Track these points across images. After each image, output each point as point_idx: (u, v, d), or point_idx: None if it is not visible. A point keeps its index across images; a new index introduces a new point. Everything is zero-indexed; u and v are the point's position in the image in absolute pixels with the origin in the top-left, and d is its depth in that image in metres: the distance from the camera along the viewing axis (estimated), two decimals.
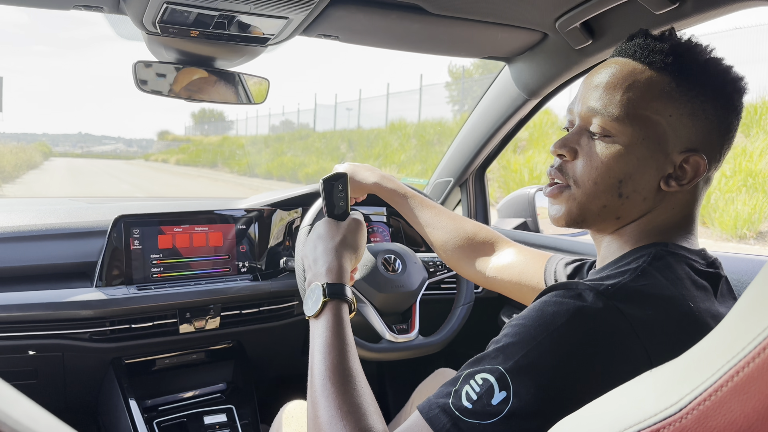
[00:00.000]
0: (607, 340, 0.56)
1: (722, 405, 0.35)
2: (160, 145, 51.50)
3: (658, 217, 0.69)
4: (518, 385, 0.55)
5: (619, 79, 0.68)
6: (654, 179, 0.67)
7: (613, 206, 0.69)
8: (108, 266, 1.28)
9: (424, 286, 1.39)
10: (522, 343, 0.57)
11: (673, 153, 0.66)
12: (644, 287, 0.60)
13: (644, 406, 0.41)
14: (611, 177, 0.68)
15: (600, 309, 0.56)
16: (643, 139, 0.66)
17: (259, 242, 1.48)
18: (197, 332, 1.36)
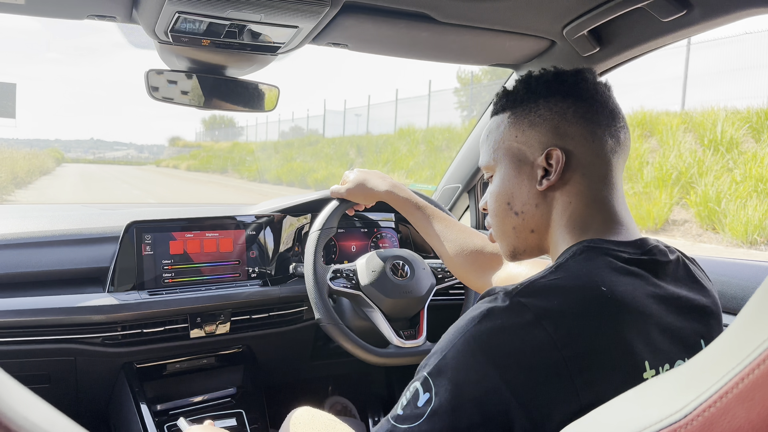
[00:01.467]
0: (512, 333, 0.59)
1: (727, 412, 0.35)
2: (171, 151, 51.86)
3: (560, 216, 0.75)
4: (438, 386, 0.59)
5: (483, 136, 0.84)
6: (531, 186, 0.76)
7: (518, 223, 0.79)
8: (120, 272, 1.30)
9: (432, 292, 1.39)
10: (442, 348, 0.62)
11: (535, 159, 0.75)
12: (554, 281, 0.64)
13: (650, 413, 0.42)
14: (501, 203, 0.79)
15: (506, 306, 0.61)
16: (507, 165, 0.78)
17: (269, 248, 1.49)
18: (207, 337, 1.37)
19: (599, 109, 0.74)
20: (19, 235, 1.26)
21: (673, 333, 0.66)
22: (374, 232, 1.66)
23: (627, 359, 0.60)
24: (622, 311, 0.62)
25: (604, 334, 0.60)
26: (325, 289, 1.29)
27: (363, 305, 1.35)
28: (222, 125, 50.35)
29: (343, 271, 1.34)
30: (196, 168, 33.88)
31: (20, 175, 14.99)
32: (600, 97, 0.75)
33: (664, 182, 8.05)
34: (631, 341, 0.61)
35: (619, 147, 0.76)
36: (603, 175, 0.74)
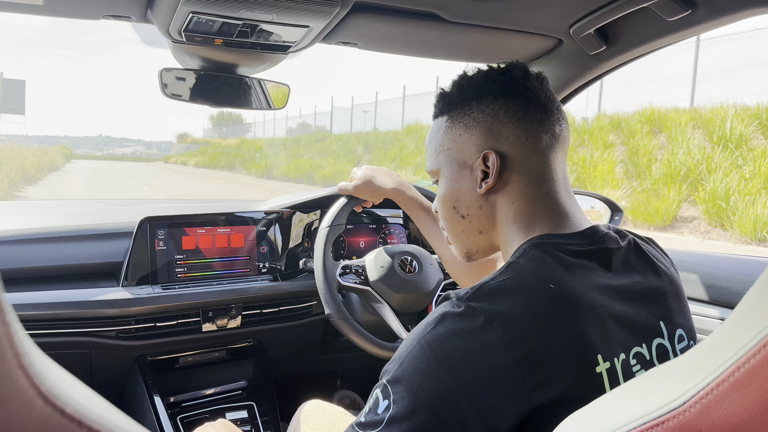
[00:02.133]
0: (463, 337, 0.60)
1: (724, 398, 0.37)
2: (179, 148, 52.03)
3: (506, 216, 0.77)
4: (396, 393, 0.60)
5: (427, 140, 0.86)
6: (473, 190, 0.78)
7: (466, 226, 0.81)
8: (134, 266, 1.32)
9: (440, 288, 1.41)
10: (400, 355, 0.63)
11: (474, 162, 0.77)
12: (503, 282, 0.64)
13: (650, 400, 0.43)
14: (447, 207, 0.82)
15: (459, 311, 0.62)
16: (449, 169, 0.80)
17: (279, 244, 1.51)
18: (219, 331, 1.40)
19: (530, 106, 0.75)
20: (36, 230, 1.29)
21: (627, 321, 0.67)
22: (382, 229, 1.68)
23: (579, 356, 0.61)
24: (572, 307, 0.63)
25: (555, 333, 0.61)
26: (334, 284, 1.31)
27: (372, 300, 1.37)
28: (230, 122, 50.47)
29: (352, 267, 1.36)
30: (204, 164, 34.00)
31: (30, 172, 15.09)
32: (530, 93, 0.76)
33: (672, 179, 8.03)
34: (582, 336, 0.61)
35: (555, 141, 0.76)
36: (541, 171, 0.75)
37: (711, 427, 0.36)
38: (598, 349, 0.62)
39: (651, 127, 9.49)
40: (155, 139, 73.98)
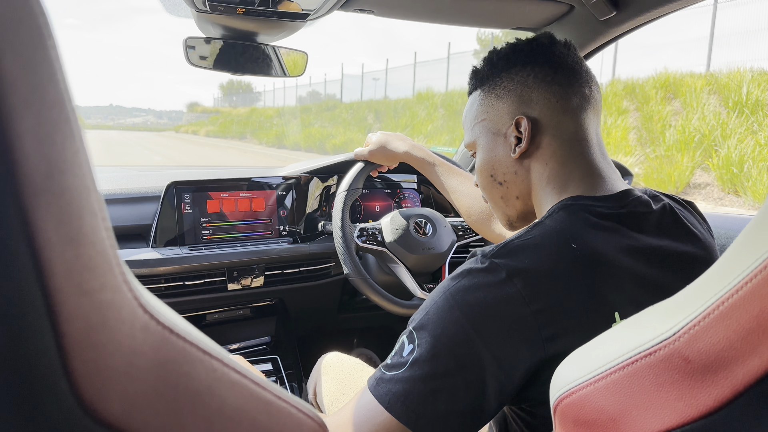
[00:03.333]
0: (485, 290, 0.64)
1: (709, 329, 0.41)
2: (189, 117, 51.92)
3: (540, 179, 0.80)
4: (420, 338, 0.65)
5: (463, 116, 0.91)
6: (508, 156, 0.82)
7: (504, 192, 0.85)
8: (162, 229, 1.39)
9: (453, 249, 1.47)
10: (427, 305, 0.68)
11: (506, 129, 0.81)
12: (527, 241, 0.68)
13: (644, 333, 0.49)
14: (485, 177, 0.86)
15: (483, 266, 0.66)
16: (484, 139, 0.85)
17: (298, 208, 1.57)
18: (243, 290, 1.47)
19: (558, 70, 0.78)
20: None
21: (649, 283, 0.68)
22: (397, 193, 1.73)
23: (594, 312, 0.64)
24: (592, 266, 0.66)
25: (572, 290, 0.64)
26: (352, 245, 1.37)
27: (388, 261, 1.43)
28: (240, 91, 50.20)
29: (368, 229, 1.42)
30: (215, 134, 33.99)
31: None
32: (557, 58, 0.79)
33: (686, 145, 7.96)
34: (600, 294, 0.64)
35: (585, 102, 0.78)
36: (573, 133, 0.77)
37: (697, 354, 0.40)
38: (617, 307, 0.64)
39: (666, 92, 9.37)
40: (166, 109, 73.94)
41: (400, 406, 0.63)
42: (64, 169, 0.25)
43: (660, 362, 0.42)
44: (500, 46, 0.84)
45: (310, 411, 0.40)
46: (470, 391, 0.63)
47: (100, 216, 0.27)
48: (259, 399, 0.36)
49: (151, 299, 0.33)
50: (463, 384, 0.62)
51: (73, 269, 0.25)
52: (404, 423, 0.63)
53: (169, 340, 0.31)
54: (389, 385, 0.65)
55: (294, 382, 1.39)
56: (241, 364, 0.35)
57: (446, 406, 0.62)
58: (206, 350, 0.33)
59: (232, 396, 0.34)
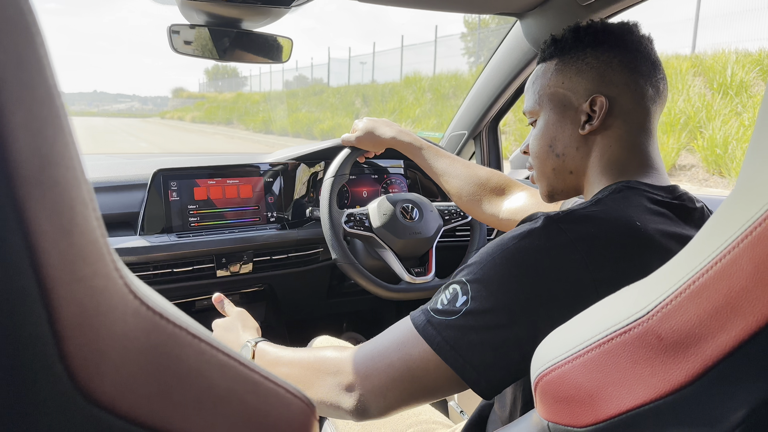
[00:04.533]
0: (547, 253, 0.66)
1: (680, 308, 0.42)
2: (175, 103, 51.36)
3: (601, 158, 0.81)
4: (474, 291, 0.67)
5: (529, 82, 0.89)
6: (574, 131, 0.82)
7: (558, 165, 0.85)
8: (149, 216, 1.40)
9: (440, 233, 1.49)
10: (482, 259, 0.69)
11: (580, 105, 0.80)
12: (593, 212, 0.70)
13: (620, 312, 0.50)
14: (543, 146, 0.86)
15: (544, 227, 0.68)
16: (551, 109, 0.84)
17: (285, 194, 1.58)
18: (232, 276, 1.48)
19: (642, 61, 0.79)
20: None
21: None
22: (384, 178, 1.74)
23: None
24: (649, 246, 0.68)
25: (630, 266, 0.65)
26: (340, 231, 1.38)
27: (375, 246, 1.45)
28: (225, 75, 49.67)
29: (356, 215, 1.43)
30: (201, 119, 33.67)
31: None
32: (644, 49, 0.80)
33: (672, 127, 8.02)
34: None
35: (658, 97, 0.80)
36: (642, 123, 0.80)
37: (669, 332, 0.42)
38: None
39: None
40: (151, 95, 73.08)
41: (450, 350, 0.66)
42: (56, 162, 0.26)
43: (634, 340, 0.44)
44: (586, 22, 0.84)
45: (297, 392, 0.41)
46: (519, 346, 0.65)
47: (91, 206, 0.29)
48: (248, 380, 0.37)
49: (141, 286, 0.34)
50: (514, 339, 0.65)
51: (66, 258, 0.26)
52: (452, 366, 0.66)
53: (159, 324, 0.32)
54: (440, 329, 0.67)
55: None
56: (229, 348, 0.37)
57: (494, 358, 0.65)
58: (195, 334, 0.35)
59: (221, 377, 0.35)
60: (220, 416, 0.35)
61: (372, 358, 0.73)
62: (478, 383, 0.66)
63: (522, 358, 0.66)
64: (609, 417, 0.46)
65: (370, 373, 0.73)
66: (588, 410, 0.48)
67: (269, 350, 0.91)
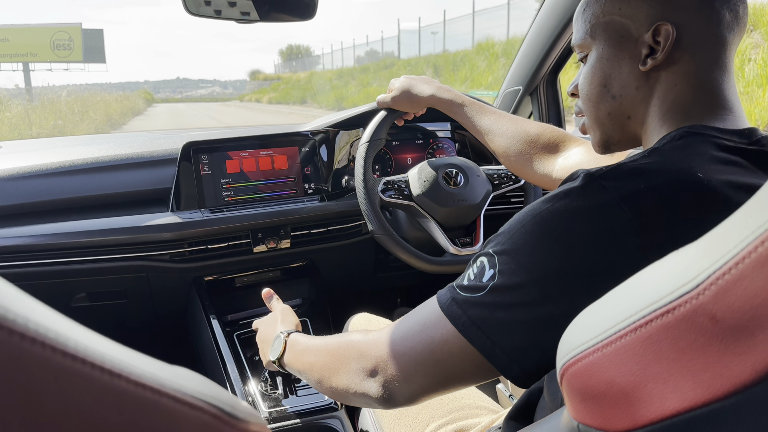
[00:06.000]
0: (586, 216, 0.55)
1: (743, 278, 0.31)
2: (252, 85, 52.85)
3: (662, 100, 0.67)
4: (502, 264, 0.59)
5: (578, 10, 0.75)
6: (633, 67, 0.68)
7: (615, 108, 0.72)
8: (181, 192, 1.35)
9: (488, 200, 1.35)
10: (511, 227, 0.61)
11: (640, 35, 0.67)
12: (645, 164, 0.58)
13: (662, 286, 0.39)
14: (596, 86, 0.72)
15: (584, 186, 0.57)
16: (605, 42, 0.70)
17: (324, 164, 1.49)
18: (270, 252, 1.42)
19: None
20: (85, 160, 1.33)
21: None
22: (430, 143, 1.62)
23: None
24: (715, 202, 0.56)
25: (689, 226, 0.55)
26: (376, 200, 1.28)
27: (417, 216, 1.34)
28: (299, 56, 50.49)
29: (394, 182, 1.32)
30: (278, 100, 34.43)
31: (114, 117, 15.82)
32: None
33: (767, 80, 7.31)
34: None
35: (736, 24, 0.66)
36: (716, 56, 0.65)
37: (728, 310, 0.32)
38: None
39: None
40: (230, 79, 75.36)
41: (476, 331, 0.59)
42: None
43: (680, 322, 0.34)
44: None
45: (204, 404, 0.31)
46: (556, 326, 0.55)
47: None
48: (109, 393, 0.28)
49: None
50: (549, 317, 0.56)
51: None
52: (479, 349, 0.59)
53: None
54: (465, 307, 0.60)
55: None
56: (95, 350, 0.27)
57: (527, 340, 0.57)
58: (36, 336, 0.26)
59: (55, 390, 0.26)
60: None
61: (395, 340, 0.67)
62: (509, 369, 0.58)
63: (558, 339, 0.55)
64: (649, 422, 0.36)
65: (393, 357, 0.66)
66: (623, 412, 0.39)
67: (300, 340, 0.89)
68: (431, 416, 0.99)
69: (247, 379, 1.22)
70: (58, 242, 1.23)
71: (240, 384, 1.20)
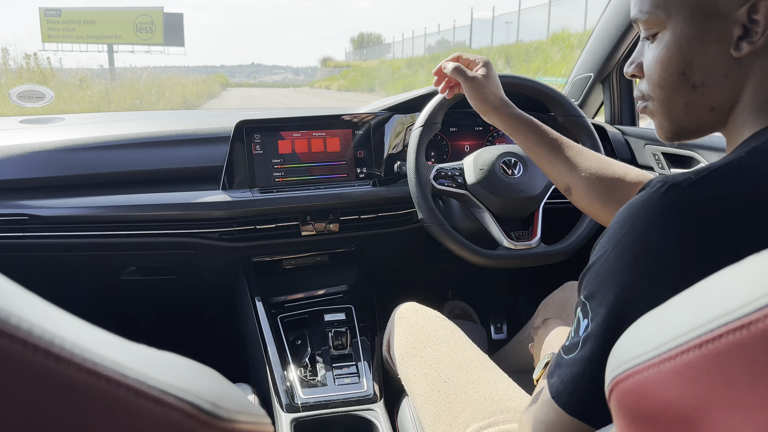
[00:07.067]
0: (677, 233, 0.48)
1: None
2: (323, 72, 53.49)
3: (759, 90, 0.56)
4: (593, 309, 0.53)
5: None
6: (722, 51, 0.57)
7: (694, 99, 0.61)
8: (232, 170, 1.34)
9: (548, 192, 1.27)
10: (595, 263, 0.55)
11: (732, 11, 0.55)
12: (742, 166, 0.49)
13: (738, 294, 0.32)
14: (672, 73, 0.61)
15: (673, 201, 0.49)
16: (685, 19, 0.58)
17: (377, 148, 1.44)
18: (318, 235, 1.39)
19: None
20: (141, 135, 1.34)
21: None
22: (490, 131, 1.54)
23: None
24: None
25: None
26: (427, 187, 1.23)
27: (470, 206, 1.27)
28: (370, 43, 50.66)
29: (447, 169, 1.26)
30: (347, 88, 34.68)
31: (189, 99, 16.35)
32: None
33: None
34: None
35: None
36: None
37: None
38: None
39: None
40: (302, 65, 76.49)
41: (568, 396, 0.55)
42: None
43: (757, 340, 0.28)
44: None
45: (177, 401, 0.28)
46: None
47: None
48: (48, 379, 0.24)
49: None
50: None
51: None
52: (572, 414, 0.55)
53: None
54: (562, 371, 0.56)
55: (366, 335, 1.29)
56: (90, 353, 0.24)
57: None
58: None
59: None
60: None
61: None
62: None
63: None
64: None
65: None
66: None
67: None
68: (473, 416, 0.94)
69: (287, 364, 1.20)
70: (110, 215, 1.25)
71: (279, 368, 1.18)
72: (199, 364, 0.35)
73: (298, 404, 1.10)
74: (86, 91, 9.65)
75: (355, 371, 1.19)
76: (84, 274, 1.37)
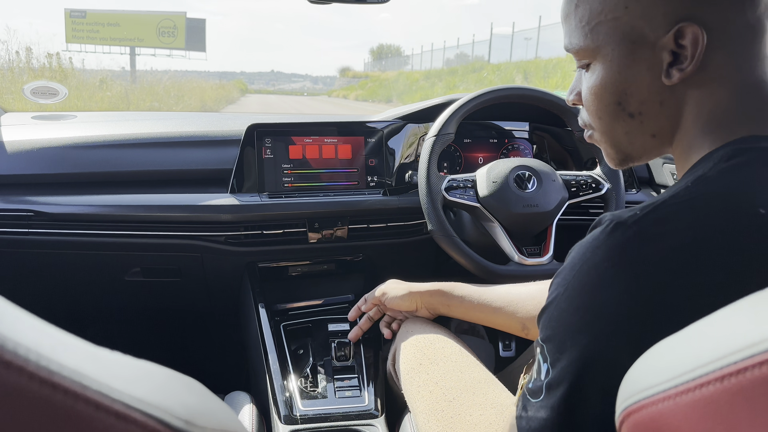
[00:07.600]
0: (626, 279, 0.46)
1: None
2: (341, 82, 53.83)
3: (697, 114, 0.54)
4: (551, 353, 0.51)
5: (566, 6, 0.61)
6: (655, 79, 0.55)
7: (634, 128, 0.59)
8: (242, 174, 1.32)
9: (562, 208, 1.24)
10: (549, 305, 0.53)
11: (659, 38, 0.53)
12: (688, 201, 0.47)
13: (762, 325, 0.29)
14: (608, 104, 0.59)
15: (619, 241, 0.48)
16: (613, 49, 0.57)
17: (388, 157, 1.42)
18: (325, 242, 1.37)
19: None
20: (151, 135, 1.33)
21: None
22: (505, 143, 1.51)
23: None
24: None
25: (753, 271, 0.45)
26: (438, 198, 1.20)
27: (482, 219, 1.25)
28: (389, 54, 50.95)
29: (459, 180, 1.23)
30: (364, 98, 34.82)
31: (208, 103, 16.46)
32: None
33: None
34: None
35: None
36: (757, 50, 0.53)
37: None
38: None
39: None
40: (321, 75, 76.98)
41: None
42: None
43: None
44: None
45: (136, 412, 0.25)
46: None
47: None
48: None
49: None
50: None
51: None
52: None
53: None
54: (530, 414, 0.54)
55: (371, 348, 1.26)
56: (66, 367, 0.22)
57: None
58: None
59: None
60: None
61: None
62: None
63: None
64: None
65: None
66: None
67: None
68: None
69: (288, 374, 1.17)
70: (115, 214, 1.23)
71: (279, 377, 1.15)
72: (179, 374, 0.32)
73: (297, 416, 1.07)
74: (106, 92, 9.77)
75: (357, 384, 1.16)
76: (87, 273, 1.35)
